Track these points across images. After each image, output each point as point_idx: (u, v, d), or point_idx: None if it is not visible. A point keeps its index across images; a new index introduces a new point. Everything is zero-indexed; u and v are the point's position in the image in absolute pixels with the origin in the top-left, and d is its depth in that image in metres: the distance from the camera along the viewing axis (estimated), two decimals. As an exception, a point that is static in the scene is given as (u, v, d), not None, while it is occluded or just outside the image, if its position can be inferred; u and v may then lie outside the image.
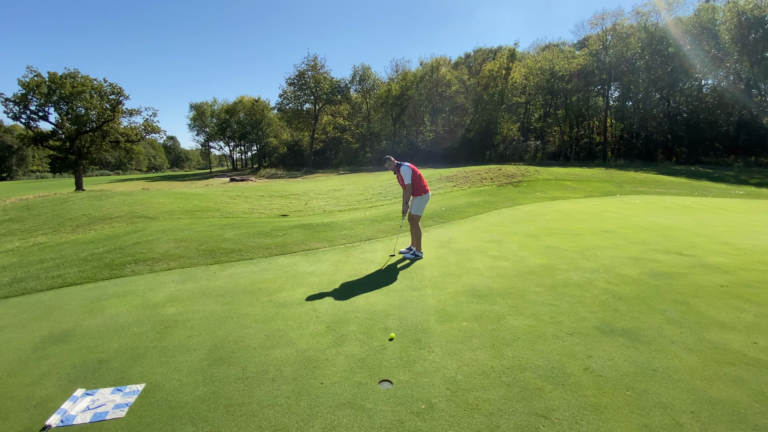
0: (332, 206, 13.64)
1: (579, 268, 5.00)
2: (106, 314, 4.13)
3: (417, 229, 5.80)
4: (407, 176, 5.63)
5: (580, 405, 2.38)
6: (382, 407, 2.43)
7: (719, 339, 3.11)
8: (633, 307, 3.75)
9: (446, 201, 11.29)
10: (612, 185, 15.16)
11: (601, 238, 6.60)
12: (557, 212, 9.55)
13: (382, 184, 19.87)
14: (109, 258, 6.37)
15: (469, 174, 17.24)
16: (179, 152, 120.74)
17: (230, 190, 21.36)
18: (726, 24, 29.19)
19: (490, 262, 5.37)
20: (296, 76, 47.58)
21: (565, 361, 2.86)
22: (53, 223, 11.10)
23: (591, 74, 34.47)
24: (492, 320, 3.58)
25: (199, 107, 70.14)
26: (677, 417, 2.25)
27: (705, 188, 15.48)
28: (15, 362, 3.21)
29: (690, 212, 9.51)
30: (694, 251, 5.59)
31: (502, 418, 2.29)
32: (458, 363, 2.89)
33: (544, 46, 43.38)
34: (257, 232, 7.67)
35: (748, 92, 28.83)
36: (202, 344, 3.35)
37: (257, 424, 2.34)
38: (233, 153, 78.98)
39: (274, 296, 4.42)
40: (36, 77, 25.07)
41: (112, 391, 2.71)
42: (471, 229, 7.77)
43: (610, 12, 33.62)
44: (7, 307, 4.58)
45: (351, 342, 3.28)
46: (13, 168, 68.97)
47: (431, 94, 42.76)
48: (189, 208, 12.54)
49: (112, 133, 27.73)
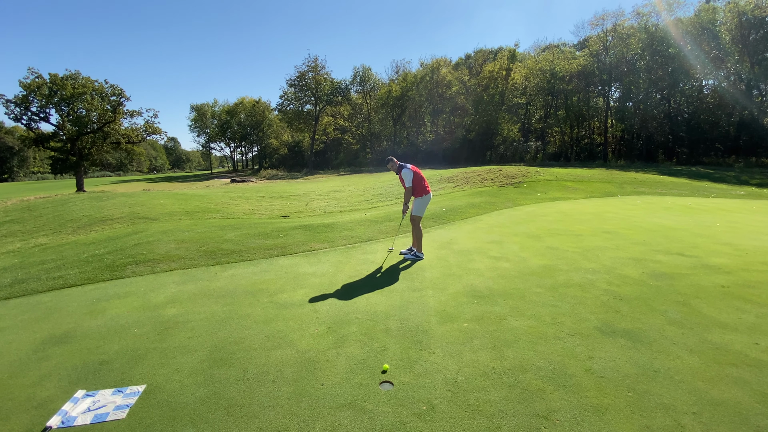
0: (333, 207, 13.64)
1: (580, 269, 5.00)
2: (107, 315, 4.13)
3: (418, 230, 5.81)
4: (408, 179, 5.68)
5: (581, 406, 2.37)
6: (383, 408, 2.43)
7: (721, 340, 3.10)
8: (634, 308, 3.74)
9: (447, 202, 11.29)
10: (613, 186, 15.14)
11: (602, 238, 6.60)
12: (558, 213, 9.54)
13: (382, 185, 19.87)
14: (110, 259, 6.38)
15: (469, 175, 17.24)
16: (180, 153, 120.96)
17: (231, 191, 21.37)
18: (726, 24, 29.18)
19: (490, 263, 5.36)
20: (297, 78, 47.65)
21: (567, 362, 2.86)
22: (54, 224, 11.12)
23: (591, 75, 34.47)
24: (493, 321, 3.57)
25: (200, 108, 70.26)
26: (679, 418, 2.24)
27: (706, 189, 15.46)
28: (16, 363, 3.21)
29: (691, 213, 9.50)
30: (695, 252, 5.58)
31: (503, 420, 2.29)
32: (459, 364, 2.89)
33: (544, 47, 43.40)
34: (258, 233, 7.68)
35: (748, 93, 28.82)
36: (203, 345, 3.35)
37: (258, 425, 2.33)
38: (234, 154, 79.14)
39: (274, 297, 4.42)
40: (37, 79, 25.15)
41: (112, 393, 2.71)
42: (472, 229, 7.76)
43: (610, 13, 33.69)
44: (8, 308, 4.58)
45: (352, 343, 3.28)
46: (15, 169, 69.10)
47: (432, 94, 42.79)
48: (190, 209, 12.56)
49: (113, 134, 27.80)
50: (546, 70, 35.86)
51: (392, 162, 5.94)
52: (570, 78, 35.11)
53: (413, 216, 5.86)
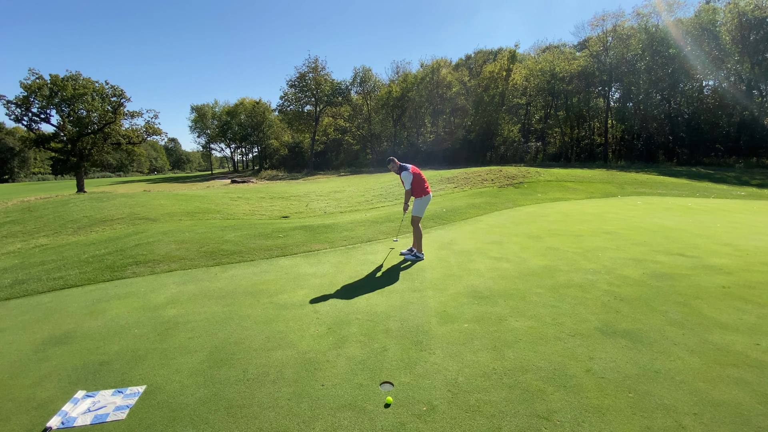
0: (333, 208, 13.65)
1: (580, 269, 4.99)
2: (107, 316, 4.13)
3: (417, 231, 5.82)
4: (407, 182, 5.71)
5: (582, 407, 2.37)
6: (383, 409, 2.43)
7: (721, 340, 3.10)
8: (635, 309, 3.74)
9: (447, 202, 11.29)
10: (613, 186, 15.14)
11: (603, 239, 6.59)
12: (558, 213, 9.53)
13: (383, 185, 19.87)
14: (110, 260, 6.38)
15: (469, 175, 17.24)
16: (180, 154, 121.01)
17: (231, 191, 21.39)
18: (726, 25, 29.17)
19: (491, 264, 5.36)
20: (297, 78, 47.69)
21: (567, 362, 2.85)
22: (54, 224, 11.12)
23: (591, 75, 34.46)
24: (493, 322, 3.57)
25: (200, 109, 70.30)
26: (680, 419, 2.24)
27: (706, 189, 15.44)
28: (16, 364, 3.21)
29: (691, 213, 9.49)
30: (695, 252, 5.58)
31: (503, 420, 2.28)
32: (459, 365, 2.88)
33: (544, 48, 43.40)
34: (258, 234, 7.68)
35: (749, 93, 28.79)
36: (203, 346, 3.35)
37: (258, 426, 2.33)
38: (234, 155, 79.14)
39: (274, 298, 4.42)
40: (38, 79, 25.17)
41: (112, 393, 2.71)
42: (472, 230, 7.76)
43: (610, 13, 33.66)
44: (9, 309, 4.59)
45: (352, 344, 3.28)
46: (15, 170, 69.11)
47: (432, 95, 42.81)
48: (190, 209, 12.57)
49: (113, 135, 27.81)
50: (546, 70, 35.85)
51: (393, 163, 5.95)
52: (570, 78, 35.11)
53: (413, 216, 5.87)
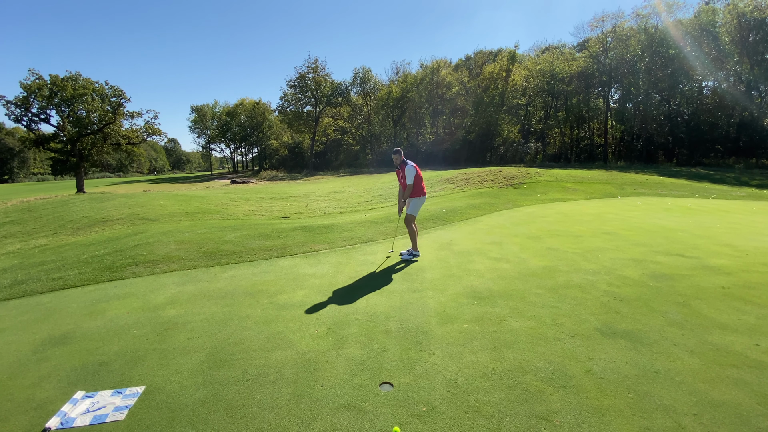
0: (333, 208, 13.65)
1: (580, 269, 4.99)
2: (107, 316, 4.12)
3: (412, 229, 5.83)
4: (410, 176, 5.65)
5: (581, 407, 2.37)
6: (383, 410, 2.42)
7: (721, 341, 3.09)
8: (634, 309, 3.74)
9: (447, 203, 11.29)
10: (613, 187, 15.14)
11: (602, 239, 6.59)
12: (558, 214, 9.53)
13: (382, 186, 19.88)
14: (109, 260, 6.38)
15: (469, 176, 17.25)
16: (180, 154, 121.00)
17: (231, 192, 21.38)
18: (726, 26, 29.22)
19: (490, 264, 5.36)
20: (297, 79, 47.72)
21: (567, 363, 2.85)
22: (54, 225, 11.12)
23: (591, 76, 34.52)
24: (493, 322, 3.57)
25: (200, 109, 70.32)
26: (679, 419, 2.24)
27: (706, 190, 15.46)
28: (15, 364, 3.20)
29: (691, 214, 9.50)
30: (695, 253, 5.58)
31: (503, 421, 2.28)
32: (459, 365, 2.88)
33: (544, 48, 43.43)
34: (258, 234, 7.67)
35: (748, 94, 28.83)
36: (203, 346, 3.34)
37: (257, 426, 2.33)
38: (234, 155, 79.20)
39: (274, 298, 4.42)
40: (38, 80, 25.19)
41: (112, 394, 2.71)
42: (472, 230, 7.76)
43: (610, 14, 33.76)
44: (8, 309, 4.58)
45: (351, 344, 3.27)
46: (15, 170, 69.11)
47: (432, 96, 42.83)
48: (190, 210, 12.56)
49: (113, 135, 27.83)
50: (546, 71, 35.89)
51: (399, 154, 5.75)
52: (570, 79, 35.15)
53: (409, 216, 5.86)
